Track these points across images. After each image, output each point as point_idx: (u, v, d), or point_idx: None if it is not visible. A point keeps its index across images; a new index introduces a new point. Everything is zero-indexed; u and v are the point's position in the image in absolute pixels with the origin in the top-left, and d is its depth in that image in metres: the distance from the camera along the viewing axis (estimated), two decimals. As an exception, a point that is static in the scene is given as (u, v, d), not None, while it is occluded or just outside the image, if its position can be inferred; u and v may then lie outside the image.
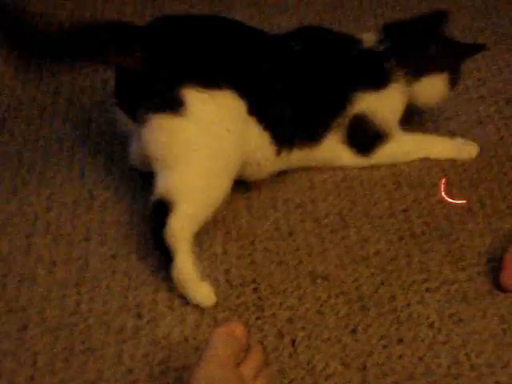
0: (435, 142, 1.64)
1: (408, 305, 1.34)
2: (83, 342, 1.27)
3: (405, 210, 1.51)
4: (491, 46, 1.91)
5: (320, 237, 1.46)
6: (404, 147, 1.61)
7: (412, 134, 1.62)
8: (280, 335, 1.29)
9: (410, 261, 1.41)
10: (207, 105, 1.23)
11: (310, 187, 1.56)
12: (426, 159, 1.61)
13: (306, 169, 1.59)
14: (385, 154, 1.59)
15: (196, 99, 1.21)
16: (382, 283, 1.37)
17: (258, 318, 1.31)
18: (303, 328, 1.30)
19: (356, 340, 1.28)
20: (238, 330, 1.08)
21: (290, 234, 1.47)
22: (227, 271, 1.39)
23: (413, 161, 1.61)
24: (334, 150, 1.56)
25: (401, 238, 1.46)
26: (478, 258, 1.41)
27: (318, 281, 1.38)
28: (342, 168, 1.59)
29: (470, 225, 1.47)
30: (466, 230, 1.47)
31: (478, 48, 1.64)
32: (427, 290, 1.36)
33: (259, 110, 1.37)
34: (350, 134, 1.55)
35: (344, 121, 1.53)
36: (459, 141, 1.64)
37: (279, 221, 1.49)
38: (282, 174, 1.58)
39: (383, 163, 1.60)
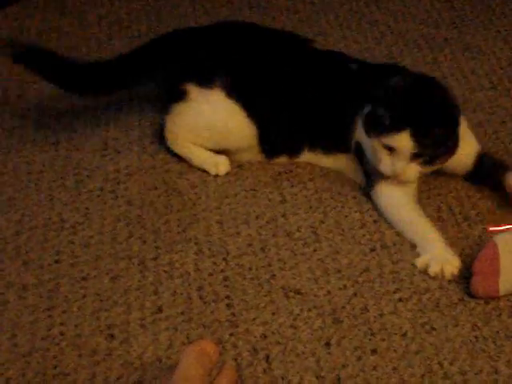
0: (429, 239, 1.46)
1: (381, 315, 1.34)
2: (55, 367, 1.25)
3: (376, 221, 1.52)
4: (457, 55, 1.94)
5: (292, 251, 1.46)
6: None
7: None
8: (254, 351, 1.29)
9: (381, 271, 1.42)
10: (202, 97, 1.58)
11: (282, 201, 1.57)
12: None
13: (277, 183, 1.60)
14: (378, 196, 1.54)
15: (194, 92, 1.59)
16: (355, 295, 1.37)
17: (231, 335, 1.31)
18: (277, 343, 1.30)
19: (330, 353, 1.28)
20: (209, 347, 1.08)
21: (263, 249, 1.47)
22: (200, 288, 1.39)
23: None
24: (351, 168, 1.59)
25: (372, 249, 1.46)
26: (449, 265, 1.42)
27: (291, 295, 1.38)
28: (313, 180, 1.60)
29: (441, 233, 1.48)
30: (436, 238, 1.48)
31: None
32: (399, 299, 1.36)
33: (253, 115, 1.57)
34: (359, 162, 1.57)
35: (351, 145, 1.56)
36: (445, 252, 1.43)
37: (251, 236, 1.49)
38: (252, 190, 1.59)
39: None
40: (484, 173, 1.56)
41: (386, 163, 1.46)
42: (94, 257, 1.43)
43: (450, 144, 1.45)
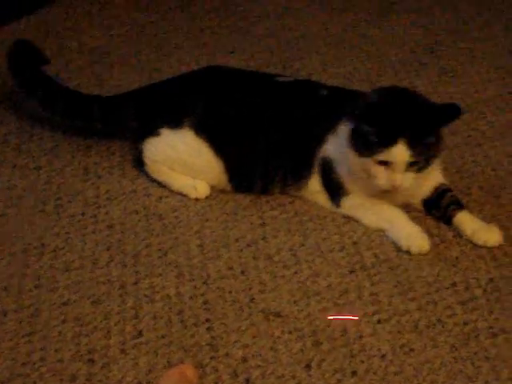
0: (397, 221, 1.55)
1: (360, 337, 1.35)
2: (36, 392, 1.25)
3: (355, 243, 1.54)
4: (434, 79, 1.97)
5: (272, 273, 1.47)
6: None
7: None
8: (235, 374, 1.29)
9: (360, 293, 1.43)
10: (173, 135, 1.65)
11: (262, 224, 1.58)
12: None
13: (257, 206, 1.61)
14: (347, 207, 1.58)
15: (166, 132, 1.65)
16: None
17: (212, 358, 1.31)
18: (257, 366, 1.30)
19: (310, 375, 1.29)
20: (189, 371, 1.08)
21: (243, 272, 1.48)
22: (180, 311, 1.39)
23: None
24: (314, 193, 1.61)
25: (351, 271, 1.47)
26: (427, 287, 1.43)
27: (272, 318, 1.38)
28: (293, 203, 1.62)
29: (418, 255, 1.50)
30: (414, 260, 1.49)
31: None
32: (379, 321, 1.38)
33: (221, 152, 1.61)
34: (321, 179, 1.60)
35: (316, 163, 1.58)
36: (417, 231, 1.53)
37: (232, 259, 1.50)
38: (232, 213, 1.60)
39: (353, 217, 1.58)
40: (440, 206, 1.57)
41: (382, 178, 1.47)
42: (75, 281, 1.44)
43: (438, 144, 1.48)
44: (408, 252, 1.50)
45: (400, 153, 1.43)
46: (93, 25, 2.19)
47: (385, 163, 1.46)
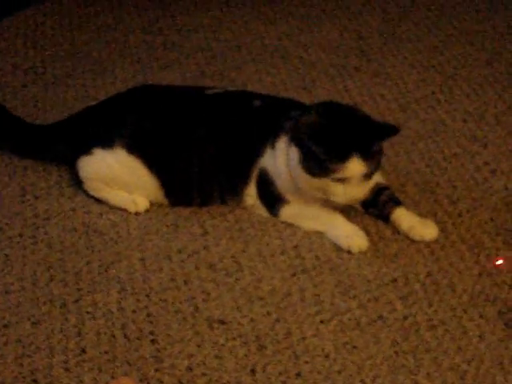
0: (336, 223, 1.57)
1: (304, 338, 1.36)
2: (-22, 417, 1.24)
3: (295, 246, 1.55)
4: (367, 82, 2.01)
5: (215, 282, 1.48)
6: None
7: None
8: (180, 384, 1.29)
9: (303, 295, 1.44)
10: (105, 154, 1.65)
11: (203, 234, 1.58)
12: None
13: (198, 216, 1.62)
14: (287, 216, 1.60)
15: (99, 151, 1.65)
16: (278, 320, 1.39)
17: (157, 370, 1.31)
18: (203, 374, 1.30)
19: (255, 380, 1.29)
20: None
21: (186, 282, 1.48)
22: (124, 326, 1.39)
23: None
24: (252, 204, 1.62)
25: (293, 274, 1.49)
26: (367, 284, 1.46)
27: (216, 326, 1.39)
28: (233, 212, 1.63)
29: (358, 254, 1.52)
30: (354, 259, 1.51)
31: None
32: (321, 321, 1.39)
33: (156, 169, 1.62)
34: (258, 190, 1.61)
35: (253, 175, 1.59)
36: (355, 230, 1.56)
37: (174, 270, 1.50)
38: (173, 225, 1.60)
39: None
40: (378, 204, 1.59)
41: (339, 194, 1.49)
42: (15, 303, 1.42)
43: (381, 152, 1.51)
44: (348, 252, 1.52)
45: (355, 167, 1.46)
46: (26, 45, 2.18)
47: (341, 179, 1.48)
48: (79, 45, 2.18)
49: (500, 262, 1.47)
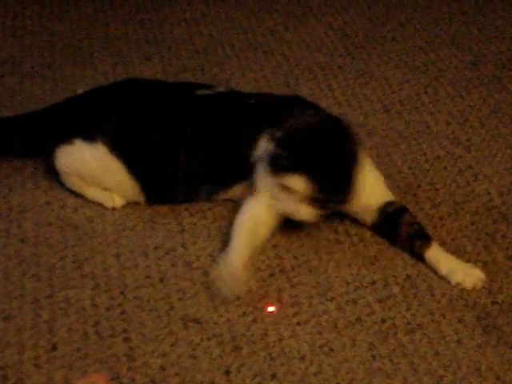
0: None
1: (280, 340, 1.34)
2: None
3: (275, 246, 1.53)
4: (351, 81, 1.99)
5: (191, 280, 1.45)
6: None
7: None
8: (153, 384, 1.27)
9: (280, 296, 1.42)
10: (84, 147, 1.60)
11: (180, 231, 1.56)
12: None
13: (175, 213, 1.59)
14: None
15: (80, 143, 1.60)
16: (254, 321, 1.37)
17: (129, 369, 1.28)
18: (176, 374, 1.28)
19: (229, 381, 1.27)
20: (101, 381, 1.05)
21: (161, 280, 1.45)
22: (97, 323, 1.36)
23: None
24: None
25: (271, 274, 1.46)
26: (346, 287, 1.44)
27: (190, 325, 1.36)
28: (212, 209, 1.60)
29: (337, 255, 1.50)
30: (333, 260, 1.49)
31: None
32: (298, 323, 1.37)
33: (137, 170, 1.58)
34: None
35: None
36: None
37: (150, 268, 1.47)
38: (150, 221, 1.57)
39: None
40: (400, 236, 1.51)
41: (281, 201, 1.45)
42: (-14, 297, 1.39)
43: (347, 190, 1.44)
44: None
45: (298, 183, 1.41)
46: (5, 35, 2.14)
47: (287, 189, 1.44)
48: (58, 35, 2.13)
49: (272, 309, 1.40)
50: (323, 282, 1.44)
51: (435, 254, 1.47)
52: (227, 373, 1.28)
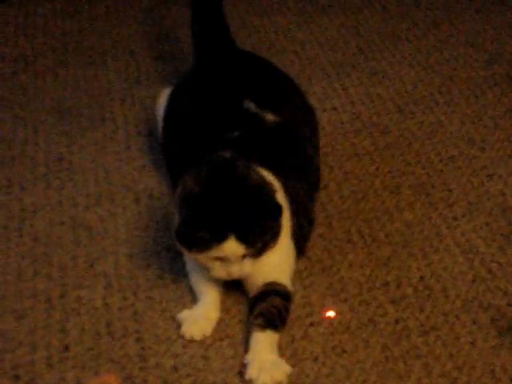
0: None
1: (292, 341, 1.33)
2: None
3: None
4: (364, 80, 1.98)
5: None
6: None
7: None
8: (165, 385, 1.26)
9: (293, 296, 1.41)
10: None
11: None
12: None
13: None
14: None
15: None
16: (266, 322, 1.37)
17: (141, 369, 1.28)
18: (188, 375, 1.27)
19: (242, 381, 1.26)
20: (113, 381, 1.05)
21: (174, 280, 1.44)
22: (109, 323, 1.36)
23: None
24: None
25: (284, 275, 1.46)
26: (359, 288, 1.43)
27: (203, 325, 1.36)
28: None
29: (350, 256, 1.49)
30: (346, 261, 1.48)
31: None
32: (311, 324, 1.36)
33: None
34: None
35: None
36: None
37: (162, 268, 1.46)
38: (162, 221, 1.57)
39: None
40: (255, 312, 1.34)
41: (218, 270, 1.33)
42: (-3, 296, 1.39)
43: (275, 229, 1.33)
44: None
45: (231, 248, 1.29)
46: (17, 33, 2.14)
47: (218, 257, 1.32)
48: (71, 34, 2.13)
49: (332, 313, 1.36)
50: (335, 283, 1.44)
51: (262, 340, 1.30)
52: (240, 373, 1.28)
